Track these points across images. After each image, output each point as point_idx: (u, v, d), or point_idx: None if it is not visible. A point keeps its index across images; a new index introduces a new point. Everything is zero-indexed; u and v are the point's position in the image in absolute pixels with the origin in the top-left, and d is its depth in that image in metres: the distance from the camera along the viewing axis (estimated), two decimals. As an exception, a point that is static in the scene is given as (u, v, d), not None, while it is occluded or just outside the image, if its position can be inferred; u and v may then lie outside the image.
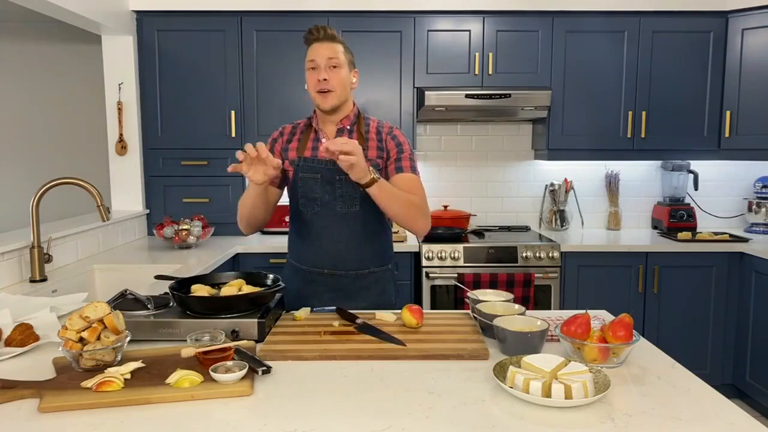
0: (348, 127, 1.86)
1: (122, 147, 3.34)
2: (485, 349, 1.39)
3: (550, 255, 3.12)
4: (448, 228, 3.35)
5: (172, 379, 1.17)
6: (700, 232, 3.41)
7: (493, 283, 3.02)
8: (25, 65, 4.25)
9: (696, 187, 3.59)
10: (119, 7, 3.15)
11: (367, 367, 1.31)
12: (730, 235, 3.32)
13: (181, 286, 1.61)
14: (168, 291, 1.57)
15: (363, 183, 1.63)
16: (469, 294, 1.66)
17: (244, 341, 1.40)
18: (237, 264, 3.12)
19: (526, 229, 3.71)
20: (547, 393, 1.10)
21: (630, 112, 3.38)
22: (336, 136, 1.85)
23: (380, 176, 1.66)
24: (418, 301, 3.16)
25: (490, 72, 3.33)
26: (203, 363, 1.24)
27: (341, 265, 1.86)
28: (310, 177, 1.82)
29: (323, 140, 1.84)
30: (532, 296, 3.04)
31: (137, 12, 3.29)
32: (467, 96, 3.21)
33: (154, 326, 1.46)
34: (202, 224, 3.06)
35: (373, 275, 1.91)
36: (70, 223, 2.80)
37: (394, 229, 1.96)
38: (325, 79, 1.75)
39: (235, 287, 1.59)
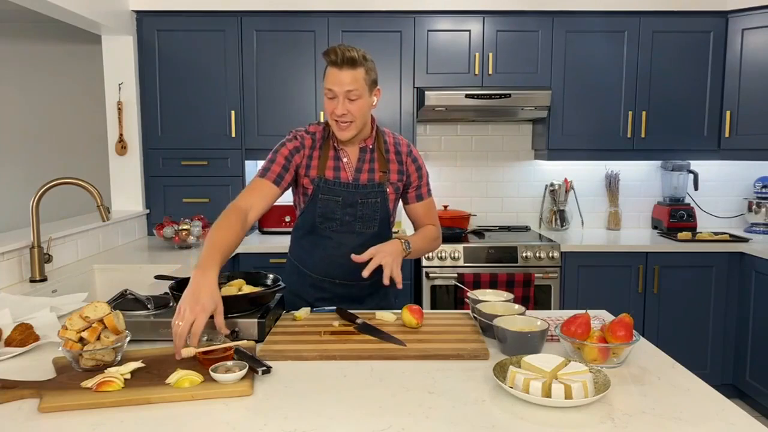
0: (371, 147, 1.84)
1: (122, 147, 3.34)
2: (485, 349, 1.39)
3: (550, 255, 3.12)
4: (448, 228, 3.35)
5: (172, 379, 1.17)
6: (700, 232, 3.40)
7: (493, 283, 3.02)
8: (25, 65, 4.25)
9: (696, 187, 3.59)
10: (119, 7, 3.15)
11: (367, 367, 1.31)
12: (730, 235, 3.32)
13: (181, 286, 1.60)
14: (168, 291, 1.57)
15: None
16: (469, 294, 1.66)
17: (244, 341, 1.39)
18: (237, 264, 3.12)
19: (526, 229, 3.71)
20: (547, 393, 1.10)
21: (630, 112, 3.37)
22: (359, 156, 1.83)
23: (409, 246, 1.74)
24: (418, 301, 3.16)
25: (490, 72, 3.33)
26: (203, 363, 1.24)
27: (355, 277, 1.84)
28: (332, 199, 1.80)
29: (344, 159, 1.82)
30: (532, 296, 3.04)
31: (137, 12, 3.28)
32: (467, 96, 3.21)
33: (154, 326, 1.46)
34: (202, 224, 3.06)
35: (377, 282, 1.93)
36: (70, 223, 2.80)
37: (393, 229, 1.98)
38: (343, 114, 1.69)
39: (235, 287, 1.59)
